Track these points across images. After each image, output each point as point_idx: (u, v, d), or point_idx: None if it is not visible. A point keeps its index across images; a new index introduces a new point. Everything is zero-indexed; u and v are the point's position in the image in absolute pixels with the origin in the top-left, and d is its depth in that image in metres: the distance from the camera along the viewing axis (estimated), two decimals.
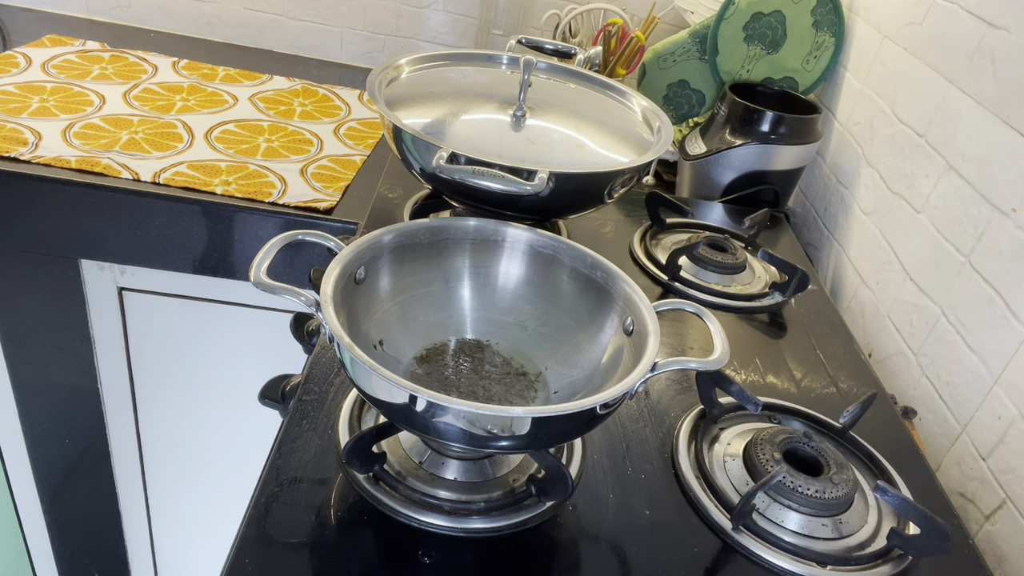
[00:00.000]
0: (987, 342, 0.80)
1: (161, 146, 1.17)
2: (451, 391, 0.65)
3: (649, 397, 0.78)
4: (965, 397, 0.82)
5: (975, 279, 0.83)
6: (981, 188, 0.85)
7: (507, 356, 0.69)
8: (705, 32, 1.28)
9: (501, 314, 0.71)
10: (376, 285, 0.66)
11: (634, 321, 0.63)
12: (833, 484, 0.66)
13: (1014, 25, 0.82)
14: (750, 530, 0.64)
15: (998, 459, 0.76)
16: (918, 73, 1.01)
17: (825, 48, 1.25)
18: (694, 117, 1.35)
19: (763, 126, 1.18)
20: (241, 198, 1.08)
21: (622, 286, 0.65)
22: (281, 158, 1.21)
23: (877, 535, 0.67)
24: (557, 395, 0.66)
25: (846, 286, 1.12)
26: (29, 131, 1.14)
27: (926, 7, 1.00)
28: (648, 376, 0.56)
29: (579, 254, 0.69)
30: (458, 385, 0.66)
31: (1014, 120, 0.81)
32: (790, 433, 0.71)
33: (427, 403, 0.51)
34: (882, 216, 1.05)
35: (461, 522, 0.60)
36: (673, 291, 0.98)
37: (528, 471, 0.66)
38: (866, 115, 1.14)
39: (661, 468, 0.70)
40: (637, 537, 0.63)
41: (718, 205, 1.22)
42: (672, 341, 0.88)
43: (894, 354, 0.96)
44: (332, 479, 0.63)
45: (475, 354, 0.69)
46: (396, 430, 0.63)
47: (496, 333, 0.71)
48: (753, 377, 0.85)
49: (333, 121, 1.36)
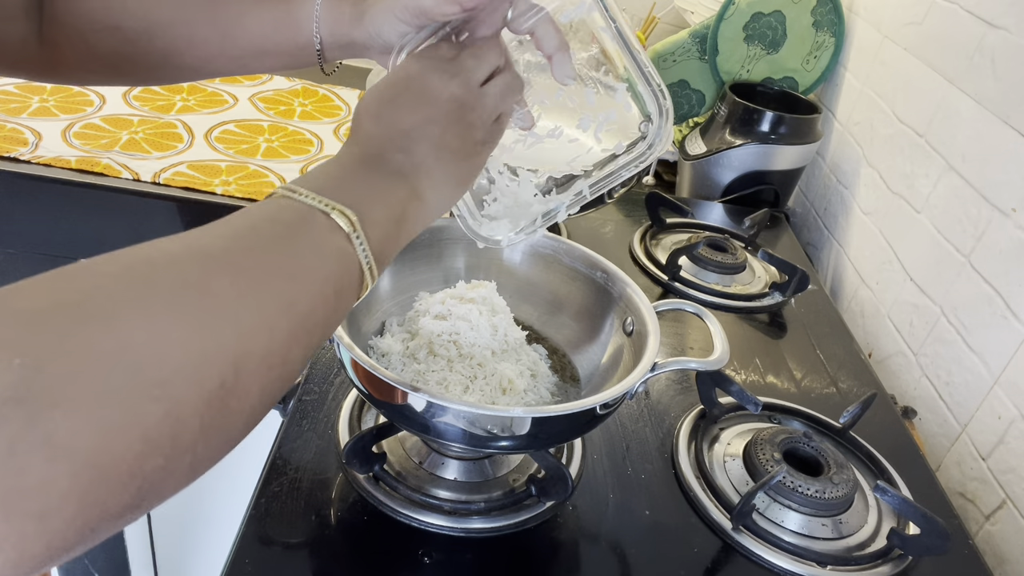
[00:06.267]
0: (987, 342, 0.80)
1: (161, 146, 1.17)
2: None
3: (649, 397, 0.78)
4: (965, 397, 0.82)
5: (975, 279, 0.83)
6: (981, 188, 0.85)
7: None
8: (705, 32, 1.28)
9: None
10: (376, 285, 0.66)
11: (634, 321, 0.63)
12: (833, 484, 0.66)
13: (1014, 25, 0.82)
14: (750, 530, 0.64)
15: (998, 459, 0.76)
16: (918, 73, 1.01)
17: (825, 48, 1.25)
18: (694, 117, 1.35)
19: (763, 126, 1.18)
20: (241, 198, 1.08)
21: (622, 286, 0.65)
22: (281, 158, 1.21)
23: (877, 535, 0.67)
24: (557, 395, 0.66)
25: (846, 286, 1.12)
26: (29, 131, 1.14)
27: (926, 7, 1.00)
28: (648, 376, 0.56)
29: (579, 254, 0.69)
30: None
31: (1014, 120, 0.80)
32: (790, 433, 0.71)
33: (427, 403, 0.51)
34: (882, 216, 1.05)
35: (461, 522, 0.60)
36: (673, 291, 0.98)
37: (528, 471, 0.66)
38: (866, 115, 1.14)
39: (661, 468, 0.70)
40: (637, 537, 0.63)
41: (718, 205, 1.22)
42: (672, 341, 0.88)
43: (894, 354, 0.96)
44: (332, 479, 0.63)
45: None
46: (396, 430, 0.63)
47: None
48: (753, 377, 0.85)
49: (333, 121, 1.36)
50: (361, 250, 0.39)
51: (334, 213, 0.38)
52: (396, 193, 0.43)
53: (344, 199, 0.39)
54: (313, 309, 0.36)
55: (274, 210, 0.37)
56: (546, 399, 0.63)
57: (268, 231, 0.36)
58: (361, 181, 0.42)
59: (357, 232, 0.38)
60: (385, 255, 0.42)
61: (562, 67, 0.53)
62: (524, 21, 0.50)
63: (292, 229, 0.37)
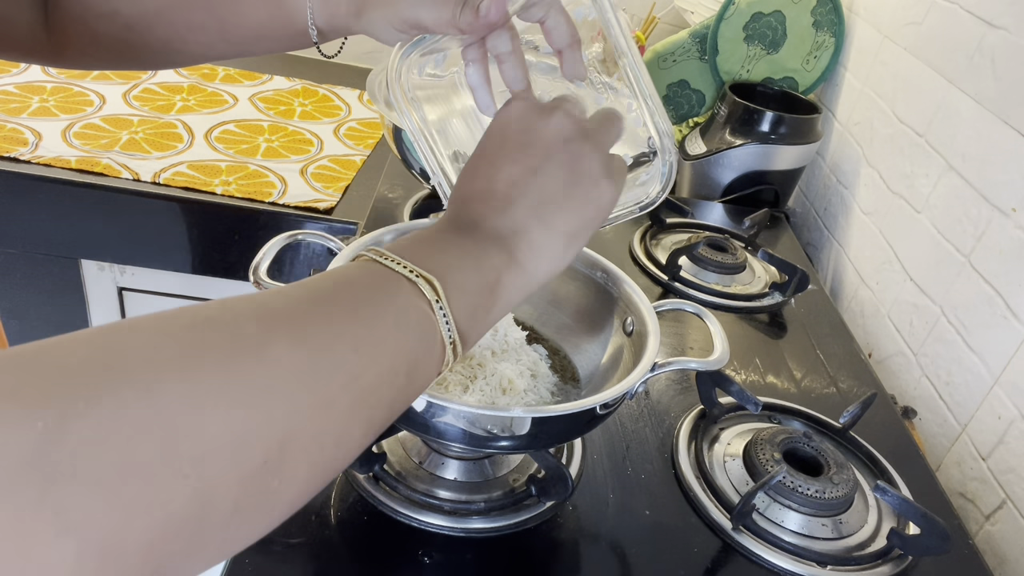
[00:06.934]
0: (987, 342, 0.80)
1: (161, 146, 1.17)
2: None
3: (649, 397, 0.78)
4: (965, 397, 0.82)
5: (975, 279, 0.83)
6: (981, 188, 0.85)
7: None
8: (705, 32, 1.28)
9: None
10: None
11: (634, 321, 0.63)
12: (833, 484, 0.66)
13: (1014, 25, 0.82)
14: (750, 530, 0.64)
15: (998, 459, 0.76)
16: (918, 73, 1.01)
17: (825, 48, 1.25)
18: (694, 117, 1.35)
19: (763, 126, 1.18)
20: (241, 198, 1.08)
21: (622, 286, 0.65)
22: (281, 158, 1.21)
23: (877, 535, 0.67)
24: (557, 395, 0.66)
25: (846, 286, 1.12)
26: (29, 131, 1.14)
27: (926, 7, 1.00)
28: (648, 376, 0.56)
29: (579, 254, 0.69)
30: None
31: (1014, 120, 0.80)
32: (790, 433, 0.71)
33: (427, 403, 0.51)
34: (882, 216, 1.05)
35: (461, 522, 0.60)
36: (673, 291, 0.98)
37: (528, 471, 0.66)
38: (866, 115, 1.14)
39: (661, 468, 0.70)
40: (637, 537, 0.63)
41: (718, 205, 1.22)
42: (672, 341, 0.88)
43: (894, 354, 0.96)
44: (332, 479, 0.63)
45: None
46: (396, 430, 0.63)
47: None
48: (753, 377, 0.85)
49: (333, 121, 1.36)
50: (443, 321, 0.35)
51: (419, 280, 0.35)
52: (490, 260, 0.38)
53: (429, 265, 0.35)
54: (379, 384, 0.32)
55: (355, 273, 0.35)
56: (546, 399, 0.63)
57: (343, 295, 0.33)
58: (452, 246, 0.38)
59: (440, 301, 0.35)
60: (474, 329, 0.37)
61: (573, 65, 0.49)
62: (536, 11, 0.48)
63: (369, 294, 0.33)
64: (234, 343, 0.27)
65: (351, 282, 0.34)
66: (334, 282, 0.33)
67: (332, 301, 0.32)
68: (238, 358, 0.27)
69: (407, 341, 0.34)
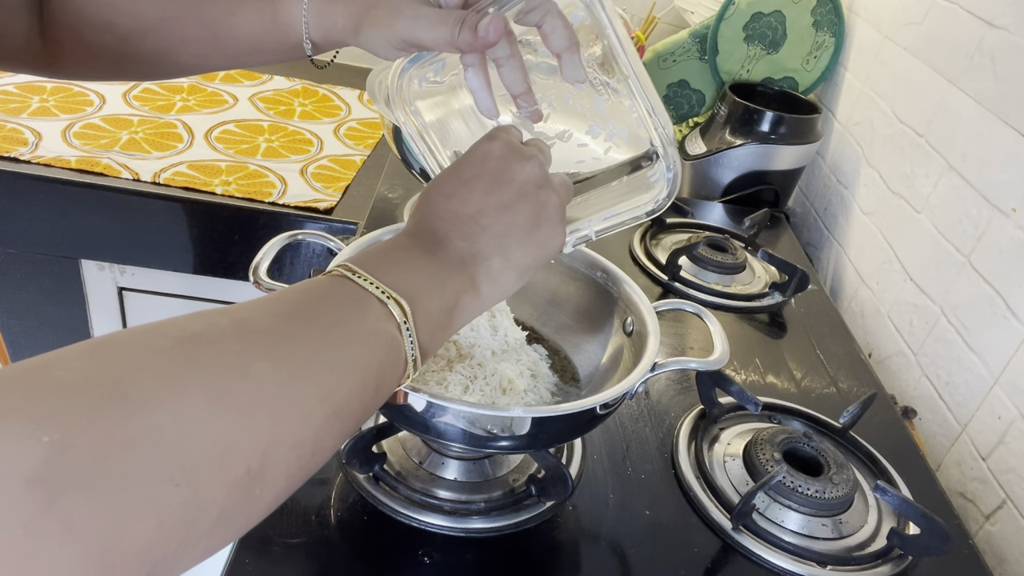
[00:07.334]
0: (987, 342, 0.80)
1: (161, 146, 1.17)
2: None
3: (649, 397, 0.78)
4: (965, 397, 0.82)
5: (975, 279, 0.83)
6: (981, 188, 0.85)
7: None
8: (705, 32, 1.28)
9: None
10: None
11: (634, 321, 0.63)
12: (833, 484, 0.66)
13: (1014, 25, 0.82)
14: (750, 530, 0.64)
15: (998, 459, 0.76)
16: (918, 73, 1.01)
17: (825, 48, 1.25)
18: (694, 117, 1.35)
19: (763, 126, 1.18)
20: (241, 198, 1.08)
21: (622, 286, 0.65)
22: (281, 158, 1.21)
23: (877, 535, 0.67)
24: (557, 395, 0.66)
25: (846, 286, 1.12)
26: (29, 131, 1.14)
27: (926, 7, 1.00)
28: (648, 376, 0.56)
29: (579, 254, 0.69)
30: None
31: (1014, 120, 0.80)
32: (790, 433, 0.71)
33: (427, 403, 0.51)
34: (882, 216, 1.05)
35: (461, 522, 0.60)
36: (673, 291, 0.98)
37: (528, 471, 0.66)
38: (866, 115, 1.14)
39: (661, 468, 0.70)
40: (637, 537, 0.63)
41: (718, 205, 1.22)
42: (672, 341, 0.88)
43: (894, 354, 0.96)
44: (332, 479, 0.63)
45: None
46: (396, 430, 0.63)
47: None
48: (753, 377, 0.85)
49: (333, 121, 1.36)
50: (409, 342, 0.38)
51: (389, 302, 0.37)
52: (452, 284, 0.41)
53: (399, 287, 0.38)
54: (351, 398, 0.35)
55: (328, 289, 0.37)
56: (546, 399, 0.63)
57: (319, 312, 0.35)
58: (420, 268, 0.41)
59: (408, 324, 0.38)
60: (432, 346, 0.40)
61: (572, 68, 0.50)
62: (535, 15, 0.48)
63: (342, 313, 0.36)
64: (220, 360, 0.30)
65: (326, 300, 0.36)
66: (311, 299, 0.36)
67: (310, 320, 0.35)
68: (224, 375, 0.29)
69: (376, 358, 0.36)
